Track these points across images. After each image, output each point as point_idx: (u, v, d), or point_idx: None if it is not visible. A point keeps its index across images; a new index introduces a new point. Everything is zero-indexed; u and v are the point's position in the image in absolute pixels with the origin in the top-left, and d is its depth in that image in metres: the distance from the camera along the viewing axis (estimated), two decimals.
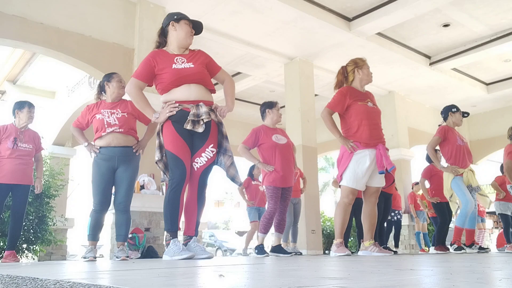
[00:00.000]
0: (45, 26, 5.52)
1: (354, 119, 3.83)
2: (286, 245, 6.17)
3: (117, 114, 3.80)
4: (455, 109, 5.10)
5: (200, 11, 6.50)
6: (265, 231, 4.63)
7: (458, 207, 4.94)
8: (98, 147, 3.76)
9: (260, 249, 4.60)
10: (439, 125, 5.16)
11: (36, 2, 5.50)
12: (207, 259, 2.92)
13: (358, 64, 3.98)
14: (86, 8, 5.90)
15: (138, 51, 6.01)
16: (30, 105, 4.62)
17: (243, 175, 7.43)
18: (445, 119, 5.14)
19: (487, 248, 5.69)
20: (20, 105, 4.58)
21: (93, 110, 3.86)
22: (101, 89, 3.96)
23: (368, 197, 3.91)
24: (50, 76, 8.82)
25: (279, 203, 4.59)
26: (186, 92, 3.00)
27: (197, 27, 3.22)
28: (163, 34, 3.20)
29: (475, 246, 5.08)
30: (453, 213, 5.08)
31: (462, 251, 4.97)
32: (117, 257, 3.72)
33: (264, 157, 4.59)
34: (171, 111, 2.95)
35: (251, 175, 7.12)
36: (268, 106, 4.73)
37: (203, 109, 2.99)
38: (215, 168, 3.19)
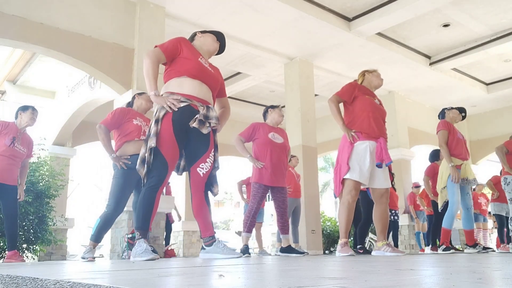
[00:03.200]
0: (45, 26, 5.52)
1: (359, 110, 3.84)
2: (297, 246, 6.18)
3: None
4: (450, 107, 5.23)
5: (200, 11, 6.50)
6: (249, 230, 4.65)
7: (445, 202, 4.99)
8: (129, 156, 3.82)
9: (244, 250, 4.60)
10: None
11: (36, 2, 5.50)
12: (238, 258, 2.92)
13: (368, 70, 4.12)
14: (86, 8, 5.90)
15: (138, 51, 6.01)
16: (34, 109, 4.71)
17: (239, 174, 7.48)
18: (443, 117, 5.20)
19: (491, 249, 5.69)
20: (25, 107, 4.69)
21: (128, 113, 3.98)
22: (129, 106, 4.17)
23: (378, 199, 3.90)
24: (50, 76, 8.82)
25: (262, 202, 4.64)
26: (197, 88, 2.98)
27: (221, 46, 3.31)
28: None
29: (479, 246, 5.08)
30: (439, 207, 5.10)
31: (451, 251, 5.00)
32: None
33: (256, 152, 4.61)
34: (171, 105, 2.85)
35: None
36: (270, 106, 4.83)
37: (214, 113, 2.99)
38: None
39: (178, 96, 2.91)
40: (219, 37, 3.28)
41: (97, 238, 3.78)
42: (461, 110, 5.22)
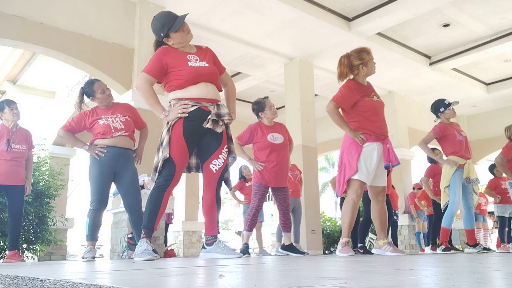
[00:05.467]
0: (45, 26, 5.52)
1: (363, 113, 3.76)
2: (297, 246, 6.18)
3: (120, 118, 3.85)
4: (442, 109, 5.08)
5: (200, 11, 6.50)
6: (250, 229, 4.66)
7: (448, 201, 4.97)
8: (105, 146, 3.76)
9: (244, 249, 4.59)
10: (434, 120, 5.19)
11: (36, 2, 5.50)
12: (238, 259, 2.93)
13: (364, 60, 3.85)
14: (86, 8, 5.90)
15: (138, 51, 6.01)
16: (9, 103, 4.56)
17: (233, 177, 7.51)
18: (438, 117, 5.17)
19: (492, 249, 5.69)
20: (0, 107, 4.54)
21: (91, 115, 3.84)
22: (86, 94, 3.91)
23: (375, 197, 3.88)
24: (50, 76, 8.82)
25: (263, 201, 4.63)
26: (204, 90, 2.96)
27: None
28: (160, 44, 3.10)
29: (479, 246, 5.08)
30: (442, 206, 5.07)
31: (451, 251, 5.01)
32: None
33: (257, 155, 4.59)
34: (182, 112, 2.86)
35: (242, 177, 7.11)
36: (260, 109, 4.67)
37: (225, 110, 2.98)
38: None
39: (186, 101, 2.91)
40: (177, 23, 3.04)
41: (92, 236, 3.80)
42: (445, 105, 5.09)
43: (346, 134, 3.81)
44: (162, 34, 3.02)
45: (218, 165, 3.01)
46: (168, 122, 2.94)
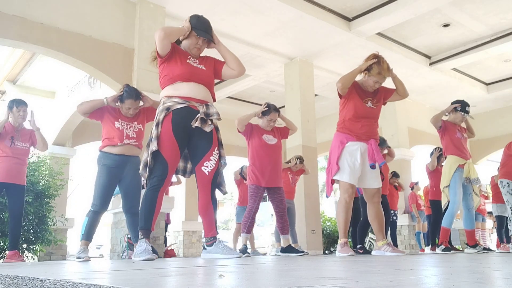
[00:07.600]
0: (45, 26, 5.51)
1: (349, 113, 3.88)
2: (296, 246, 6.18)
3: (134, 127, 3.91)
4: (458, 109, 5.15)
5: (200, 11, 6.45)
6: (248, 231, 4.72)
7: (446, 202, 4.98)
8: (114, 154, 3.78)
9: (243, 250, 4.63)
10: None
11: (36, 2, 5.50)
12: (238, 258, 2.94)
13: (371, 71, 3.80)
14: (86, 8, 5.90)
15: (138, 51, 6.01)
16: (18, 104, 4.62)
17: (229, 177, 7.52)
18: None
19: (491, 249, 5.69)
20: (10, 105, 4.62)
21: (113, 111, 3.85)
22: (120, 96, 3.92)
23: (370, 199, 3.92)
24: (50, 76, 8.82)
25: (259, 203, 4.69)
26: (195, 90, 2.99)
27: (206, 28, 3.15)
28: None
29: (479, 246, 5.08)
30: (442, 205, 5.06)
31: (451, 251, 5.01)
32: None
33: (252, 155, 4.67)
34: None
35: (243, 176, 7.12)
36: (264, 113, 4.75)
37: (214, 109, 3.01)
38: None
39: (176, 99, 2.94)
40: (200, 31, 3.08)
41: (88, 236, 3.81)
42: (462, 107, 5.15)
43: (334, 136, 3.93)
44: (191, 24, 3.08)
45: (210, 166, 3.03)
46: (156, 118, 2.97)
